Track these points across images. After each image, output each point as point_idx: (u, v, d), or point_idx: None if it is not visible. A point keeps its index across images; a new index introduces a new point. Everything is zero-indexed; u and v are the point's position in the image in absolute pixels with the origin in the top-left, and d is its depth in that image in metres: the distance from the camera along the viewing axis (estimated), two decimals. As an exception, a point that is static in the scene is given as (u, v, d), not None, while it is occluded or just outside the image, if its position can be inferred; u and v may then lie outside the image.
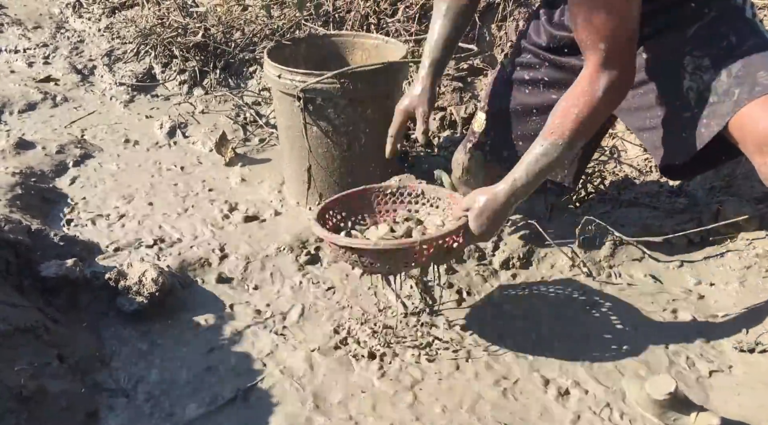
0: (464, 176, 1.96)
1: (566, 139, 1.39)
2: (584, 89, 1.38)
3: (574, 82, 1.41)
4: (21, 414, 1.34)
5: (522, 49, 1.78)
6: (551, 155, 1.41)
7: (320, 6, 3.02)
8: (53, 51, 3.53)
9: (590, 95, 1.37)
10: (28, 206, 2.15)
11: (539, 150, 1.42)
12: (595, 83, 1.37)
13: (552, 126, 1.41)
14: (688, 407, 1.37)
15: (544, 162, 1.42)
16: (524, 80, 1.76)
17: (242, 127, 2.79)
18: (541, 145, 1.42)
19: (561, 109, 1.41)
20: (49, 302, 1.70)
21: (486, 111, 1.84)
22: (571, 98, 1.40)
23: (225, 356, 1.63)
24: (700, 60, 1.46)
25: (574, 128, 1.39)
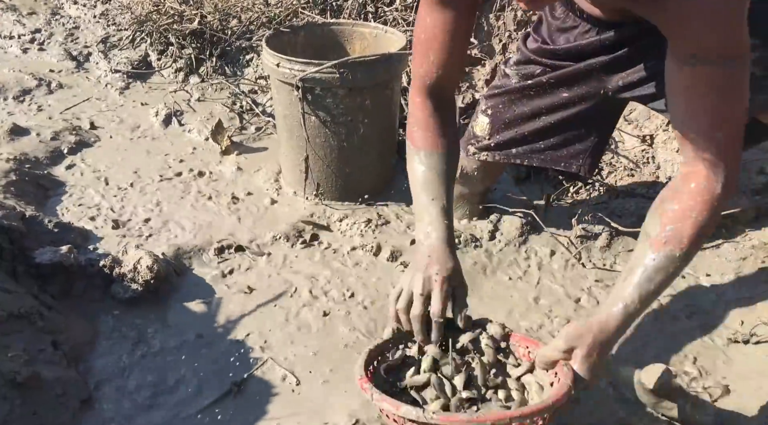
0: (461, 177, 1.95)
1: (684, 249, 1.15)
2: (700, 187, 1.14)
3: (679, 181, 1.19)
4: (15, 400, 1.33)
5: (526, 59, 1.72)
6: (667, 269, 1.16)
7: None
8: (48, 37, 3.50)
9: (710, 194, 1.14)
10: (22, 193, 2.14)
11: (652, 264, 1.16)
12: (712, 180, 1.14)
13: (663, 233, 1.15)
14: (682, 396, 1.37)
15: (659, 279, 1.17)
16: (528, 87, 1.72)
17: (239, 116, 2.77)
18: (653, 259, 1.16)
19: (672, 213, 1.16)
20: (44, 289, 1.69)
21: (488, 115, 1.80)
22: (684, 200, 1.16)
23: (220, 344, 1.63)
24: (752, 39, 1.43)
25: (694, 234, 1.15)
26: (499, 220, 1.98)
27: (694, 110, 1.13)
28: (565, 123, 1.71)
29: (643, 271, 1.17)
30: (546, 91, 1.70)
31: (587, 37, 1.58)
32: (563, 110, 1.70)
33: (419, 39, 1.38)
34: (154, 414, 1.44)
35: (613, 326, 1.18)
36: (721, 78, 1.09)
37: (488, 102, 1.81)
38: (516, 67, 1.75)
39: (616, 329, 1.18)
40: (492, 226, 1.97)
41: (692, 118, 1.13)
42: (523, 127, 1.76)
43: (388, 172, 2.26)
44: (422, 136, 1.43)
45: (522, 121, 1.76)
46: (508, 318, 1.70)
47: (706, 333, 1.64)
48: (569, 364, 1.18)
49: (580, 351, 1.17)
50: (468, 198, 2.03)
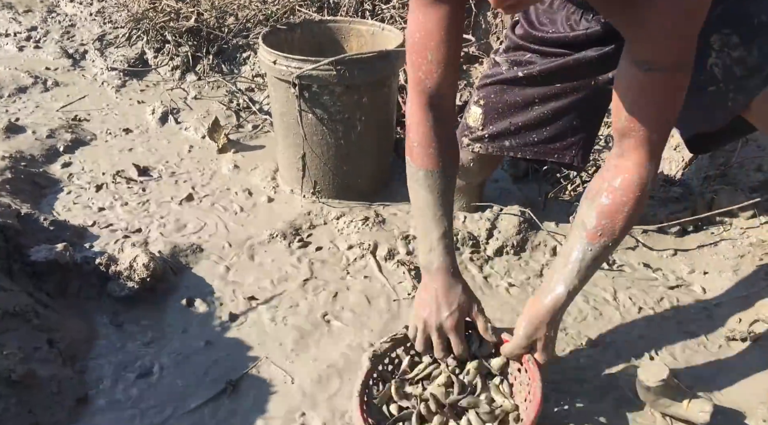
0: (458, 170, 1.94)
1: (616, 238, 1.27)
2: (634, 183, 1.23)
3: (611, 172, 1.26)
4: (10, 398, 1.32)
5: (516, 46, 1.73)
6: (602, 256, 1.29)
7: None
8: (44, 35, 3.49)
9: (641, 189, 1.24)
10: (17, 190, 2.13)
11: (590, 254, 1.28)
12: (644, 175, 1.23)
13: (599, 227, 1.26)
14: (681, 394, 1.37)
15: (595, 265, 1.30)
16: (519, 77, 1.71)
17: (235, 114, 2.77)
18: (590, 250, 1.28)
19: (606, 207, 1.25)
20: (39, 286, 1.68)
21: (481, 105, 1.80)
22: (618, 194, 1.24)
23: (216, 342, 1.62)
24: (729, 37, 1.45)
25: (624, 226, 1.26)
26: (497, 218, 1.97)
27: (639, 110, 1.19)
28: (557, 114, 1.71)
29: (582, 260, 1.29)
30: (537, 81, 1.70)
31: (573, 22, 1.60)
32: (555, 100, 1.70)
33: (414, 39, 1.35)
34: (150, 412, 1.43)
35: (559, 312, 1.32)
36: (671, 84, 1.16)
37: (480, 92, 1.81)
38: (505, 54, 1.75)
39: (561, 313, 1.33)
40: (490, 224, 1.97)
41: (635, 117, 1.19)
42: (516, 118, 1.75)
43: (385, 170, 2.25)
44: (422, 153, 1.41)
45: (514, 111, 1.75)
46: (506, 315, 1.70)
47: (705, 330, 1.64)
48: (533, 358, 1.33)
49: (540, 342, 1.33)
50: (465, 190, 2.03)
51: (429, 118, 1.39)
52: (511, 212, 1.98)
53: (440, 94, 1.37)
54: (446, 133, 1.42)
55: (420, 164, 1.41)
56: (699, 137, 1.61)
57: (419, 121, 1.40)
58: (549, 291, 1.32)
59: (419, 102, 1.38)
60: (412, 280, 1.79)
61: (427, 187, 1.41)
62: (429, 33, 1.32)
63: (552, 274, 1.33)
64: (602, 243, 1.27)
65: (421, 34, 1.33)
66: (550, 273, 1.34)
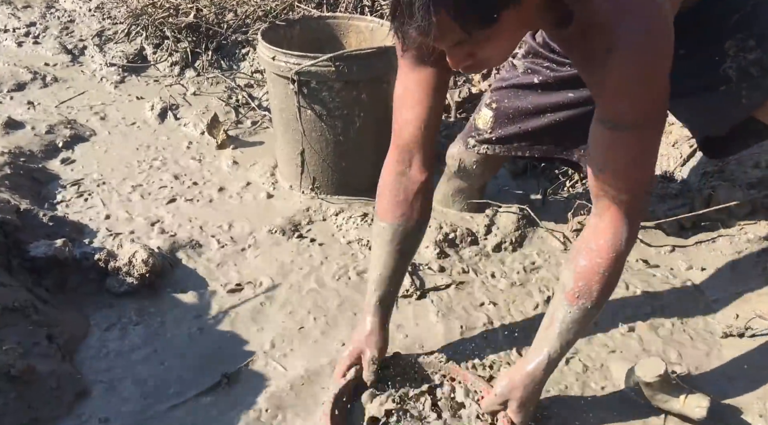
0: (460, 171, 1.95)
1: (594, 301, 1.24)
2: (608, 244, 1.21)
3: (589, 233, 1.25)
4: (9, 393, 1.33)
5: (535, 52, 1.72)
6: (582, 319, 1.26)
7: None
8: (43, 31, 3.49)
9: (615, 250, 1.21)
10: (16, 186, 2.13)
11: (569, 317, 1.26)
12: (618, 237, 1.21)
13: (576, 289, 1.24)
14: (678, 389, 1.37)
15: (576, 328, 1.27)
16: (534, 84, 1.72)
17: (234, 110, 2.77)
18: (569, 312, 1.26)
19: (583, 269, 1.23)
20: (38, 282, 1.69)
21: (493, 108, 1.80)
22: (594, 256, 1.22)
23: (213, 337, 1.63)
24: (745, 42, 1.44)
25: (602, 289, 1.23)
26: (495, 215, 1.98)
27: (607, 168, 1.17)
28: (569, 122, 1.71)
29: (562, 323, 1.27)
30: (552, 89, 1.70)
31: None
32: (568, 110, 1.70)
33: (397, 93, 1.37)
34: (148, 405, 1.43)
35: (539, 376, 1.31)
36: (635, 143, 1.14)
37: (494, 95, 1.81)
38: (524, 59, 1.75)
39: (542, 377, 1.31)
40: (488, 221, 1.97)
41: (603, 176, 1.18)
42: (526, 124, 1.76)
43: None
44: (382, 202, 1.45)
45: (526, 117, 1.75)
46: (505, 312, 1.70)
47: (702, 326, 1.65)
48: (507, 415, 1.33)
49: (514, 403, 1.32)
50: (466, 192, 2.03)
51: (393, 170, 1.42)
52: (509, 209, 1.98)
53: (410, 150, 1.39)
54: (409, 188, 1.42)
55: (378, 214, 1.45)
56: (713, 141, 1.59)
57: (385, 170, 1.44)
58: (531, 353, 1.32)
59: (391, 152, 1.42)
60: (411, 277, 1.80)
61: (380, 239, 1.45)
62: (407, 92, 1.35)
63: (537, 337, 1.32)
64: (580, 306, 1.24)
65: (400, 91, 1.37)
66: (537, 335, 1.33)
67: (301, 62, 1.96)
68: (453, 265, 1.86)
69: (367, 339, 1.45)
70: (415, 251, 1.51)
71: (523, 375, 1.31)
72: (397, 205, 1.42)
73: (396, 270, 1.46)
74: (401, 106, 1.37)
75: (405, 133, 1.38)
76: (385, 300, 1.47)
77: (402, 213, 1.42)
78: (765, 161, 2.11)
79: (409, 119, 1.36)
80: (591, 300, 1.24)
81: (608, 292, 1.25)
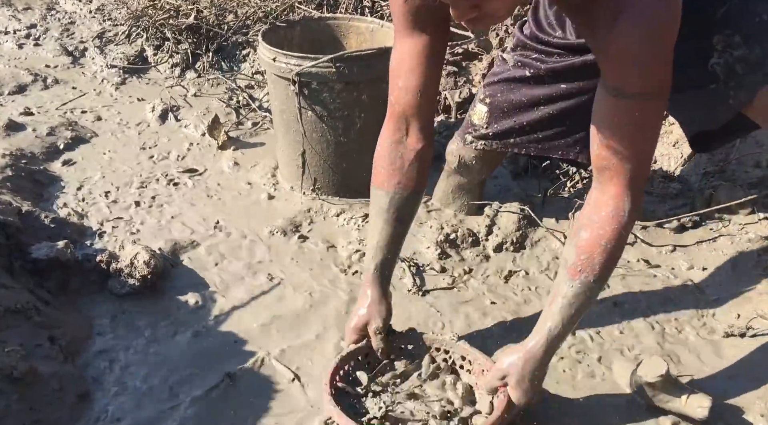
0: (460, 167, 1.95)
1: (597, 275, 1.22)
2: (609, 216, 1.20)
3: (591, 207, 1.24)
4: (11, 395, 1.33)
5: (523, 45, 1.73)
6: (584, 294, 1.24)
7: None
8: (44, 32, 3.49)
9: (618, 222, 1.20)
10: (18, 188, 2.13)
11: (571, 291, 1.24)
12: (621, 207, 1.19)
13: (578, 262, 1.22)
14: (680, 389, 1.37)
15: (578, 303, 1.24)
16: (525, 77, 1.72)
17: (235, 111, 2.77)
18: (571, 286, 1.24)
19: (585, 242, 1.22)
20: (40, 284, 1.69)
21: (487, 103, 1.80)
22: (596, 228, 1.21)
23: (215, 338, 1.63)
24: (731, 38, 1.43)
25: (605, 261, 1.21)
26: (496, 215, 1.98)
27: (612, 138, 1.16)
28: (563, 113, 1.72)
29: (564, 298, 1.25)
30: (545, 81, 1.70)
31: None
32: (561, 101, 1.70)
33: (392, 64, 1.38)
34: (150, 406, 1.44)
35: (539, 351, 1.28)
36: (639, 113, 1.13)
37: (486, 90, 1.81)
38: (513, 52, 1.76)
39: (543, 353, 1.28)
40: (489, 221, 1.97)
41: (608, 145, 1.17)
42: (521, 117, 1.76)
43: (385, 167, 2.25)
44: (376, 171, 1.45)
45: (520, 110, 1.75)
46: (506, 313, 1.70)
47: (703, 326, 1.65)
48: (505, 391, 1.30)
49: (512, 378, 1.29)
50: (466, 188, 2.03)
51: (389, 139, 1.42)
52: (510, 209, 1.98)
53: (406, 119, 1.40)
54: (405, 156, 1.42)
55: (373, 182, 1.46)
56: (702, 135, 1.60)
57: (381, 138, 1.45)
58: (534, 330, 1.30)
59: (387, 121, 1.43)
60: (413, 277, 1.80)
61: (376, 207, 1.46)
62: (402, 60, 1.35)
63: (541, 315, 1.31)
64: (583, 280, 1.22)
65: (396, 61, 1.37)
66: (541, 314, 1.31)
67: (301, 63, 1.97)
68: (454, 266, 1.87)
69: (370, 310, 1.44)
70: (412, 220, 1.50)
71: (523, 351, 1.29)
72: (393, 173, 1.42)
73: (393, 238, 1.46)
74: (396, 75, 1.37)
75: (401, 101, 1.38)
76: (384, 268, 1.47)
77: (398, 182, 1.42)
78: (766, 161, 2.11)
79: (404, 87, 1.36)
80: (593, 274, 1.22)
81: (611, 265, 1.23)
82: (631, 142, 1.15)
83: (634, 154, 1.17)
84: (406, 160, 1.42)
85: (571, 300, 1.24)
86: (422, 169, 1.44)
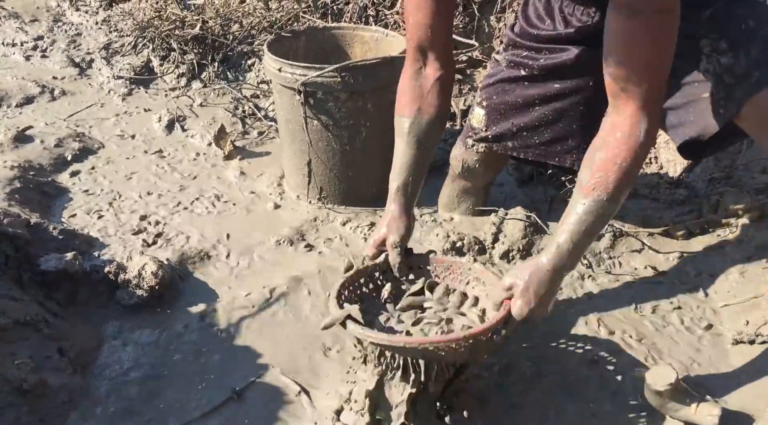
0: (464, 171, 1.96)
1: (611, 193, 1.23)
2: (625, 135, 1.21)
3: (606, 130, 1.26)
4: (21, 407, 1.34)
5: (513, 44, 1.75)
6: (596, 212, 1.24)
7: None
8: (51, 44, 3.52)
9: (634, 141, 1.21)
10: (27, 200, 2.15)
11: (581, 208, 1.24)
12: (636, 127, 1.21)
13: (592, 180, 1.23)
14: (689, 397, 1.37)
15: (589, 221, 1.25)
16: (519, 77, 1.74)
17: (241, 120, 2.78)
18: (583, 203, 1.25)
19: (600, 161, 1.23)
20: (49, 296, 1.70)
21: (483, 106, 1.82)
22: (611, 148, 1.23)
23: (223, 351, 1.63)
24: (717, 43, 1.45)
25: (619, 179, 1.22)
26: (503, 223, 1.98)
27: (625, 59, 1.18)
28: (557, 115, 1.73)
29: (575, 215, 1.26)
30: (538, 80, 1.72)
31: (566, 14, 1.63)
32: (555, 101, 1.72)
33: (405, 9, 1.47)
34: (159, 419, 1.44)
35: (546, 265, 1.28)
36: (652, 30, 1.15)
37: (483, 93, 1.83)
38: (504, 52, 1.79)
39: (550, 267, 1.28)
40: (495, 229, 1.97)
41: (621, 66, 1.19)
42: (517, 119, 1.77)
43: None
44: (398, 102, 1.55)
45: (516, 111, 1.77)
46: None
47: (712, 333, 1.64)
48: (508, 304, 1.30)
49: (516, 289, 1.29)
50: (471, 192, 2.04)
51: (409, 71, 1.52)
52: (516, 216, 1.98)
53: (423, 50, 1.49)
54: (424, 84, 1.51)
55: (396, 111, 1.55)
56: (690, 144, 1.59)
57: (402, 74, 1.55)
58: (545, 248, 1.32)
59: (407, 57, 1.53)
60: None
61: (398, 132, 1.54)
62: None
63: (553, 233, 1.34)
64: (596, 197, 1.23)
65: (408, 3, 1.45)
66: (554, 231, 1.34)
67: (307, 73, 1.98)
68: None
69: (389, 225, 1.49)
70: (434, 146, 1.58)
71: (531, 264, 1.31)
72: (413, 100, 1.52)
73: (414, 159, 1.52)
74: (410, 13, 1.47)
75: (416, 35, 1.47)
76: (406, 187, 1.51)
77: (418, 108, 1.51)
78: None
79: (417, 21, 1.45)
80: (607, 192, 1.22)
81: (624, 185, 1.24)
82: (645, 60, 1.17)
83: (650, 73, 1.18)
84: (425, 88, 1.51)
85: (582, 217, 1.25)
86: (442, 94, 1.52)
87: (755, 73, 1.42)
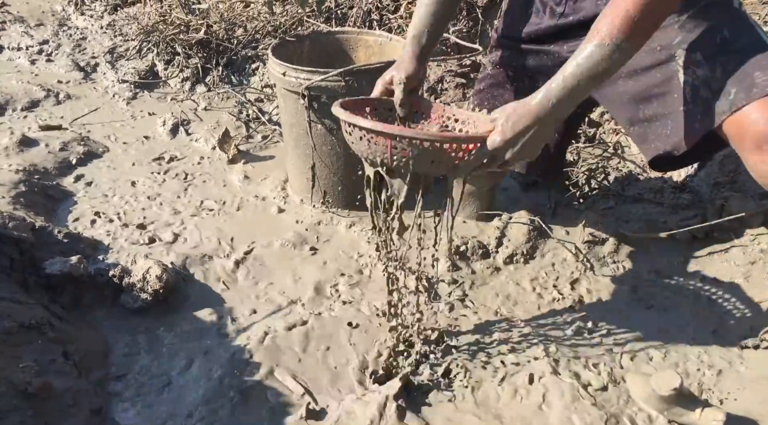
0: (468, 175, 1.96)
1: (615, 41, 1.21)
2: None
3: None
4: (26, 411, 1.34)
5: (496, 44, 1.77)
6: (595, 58, 1.22)
7: (323, 2, 3.02)
8: (56, 48, 3.53)
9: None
10: (31, 203, 2.15)
11: (582, 54, 1.24)
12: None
13: (598, 27, 1.23)
14: (694, 402, 1.37)
15: (586, 65, 1.23)
16: (505, 79, 1.75)
17: (245, 124, 2.79)
18: (584, 49, 1.24)
19: (610, 10, 1.23)
20: (54, 299, 1.70)
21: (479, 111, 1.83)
22: (620, 1, 1.22)
23: (228, 353, 1.63)
24: (693, 54, 1.42)
25: (624, 26, 1.20)
26: (506, 227, 1.98)
27: None
28: None
29: (574, 60, 1.25)
30: (524, 82, 1.72)
31: (550, 8, 1.63)
32: None
33: None
34: (163, 423, 1.44)
35: (532, 100, 1.28)
36: None
37: (475, 99, 1.85)
38: (489, 55, 1.81)
39: (536, 104, 1.27)
40: (499, 233, 1.97)
41: None
42: None
43: (394, 179, 2.26)
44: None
45: None
46: (516, 323, 1.70)
47: (716, 338, 1.64)
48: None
49: (498, 121, 1.30)
50: (475, 195, 2.04)
51: None
52: (520, 220, 1.98)
53: None
54: None
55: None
56: (662, 157, 1.55)
57: None
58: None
59: None
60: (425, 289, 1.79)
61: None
62: None
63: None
64: (597, 42, 1.22)
65: None
66: None
67: (311, 77, 1.98)
68: (465, 278, 1.86)
69: (397, 66, 1.55)
70: (452, 13, 1.62)
71: (518, 102, 1.30)
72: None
73: (432, 11, 1.56)
74: None
75: None
76: (421, 37, 1.56)
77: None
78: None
79: None
80: (611, 37, 1.21)
81: (632, 34, 1.21)
82: None
83: None
84: None
85: (579, 61, 1.24)
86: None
87: (732, 90, 1.36)
